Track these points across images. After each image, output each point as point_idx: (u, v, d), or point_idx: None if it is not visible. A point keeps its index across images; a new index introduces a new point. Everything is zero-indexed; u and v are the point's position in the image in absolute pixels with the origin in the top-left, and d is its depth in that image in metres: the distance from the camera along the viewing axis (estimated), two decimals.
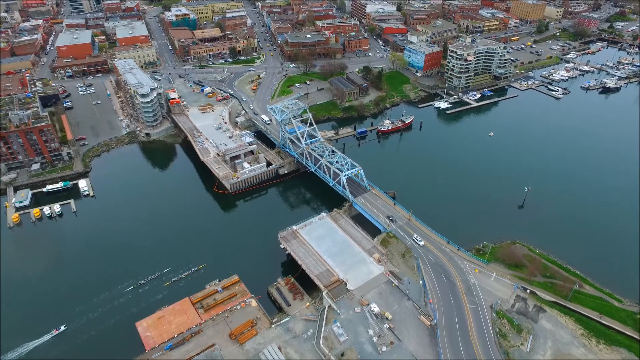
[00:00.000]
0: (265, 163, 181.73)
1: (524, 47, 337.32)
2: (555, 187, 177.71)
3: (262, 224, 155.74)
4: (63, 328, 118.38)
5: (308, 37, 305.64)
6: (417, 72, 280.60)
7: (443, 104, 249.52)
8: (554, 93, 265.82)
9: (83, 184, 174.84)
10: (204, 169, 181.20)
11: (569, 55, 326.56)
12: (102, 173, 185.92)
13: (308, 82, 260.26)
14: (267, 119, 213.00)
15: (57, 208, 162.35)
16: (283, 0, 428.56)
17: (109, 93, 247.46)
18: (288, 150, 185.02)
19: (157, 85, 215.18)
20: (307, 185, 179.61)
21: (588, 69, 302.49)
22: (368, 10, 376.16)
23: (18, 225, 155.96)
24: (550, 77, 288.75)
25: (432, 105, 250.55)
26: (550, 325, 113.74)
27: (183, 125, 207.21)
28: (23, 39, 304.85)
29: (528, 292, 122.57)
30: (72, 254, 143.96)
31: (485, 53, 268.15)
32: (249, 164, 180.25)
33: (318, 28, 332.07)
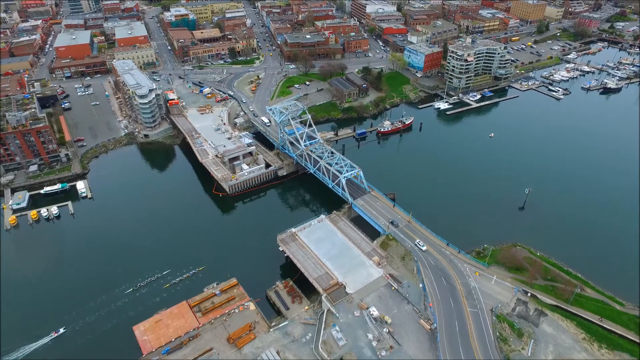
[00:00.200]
0: (264, 164, 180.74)
1: (524, 47, 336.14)
2: (556, 188, 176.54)
3: (260, 226, 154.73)
4: (62, 330, 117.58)
5: (307, 37, 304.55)
6: (417, 72, 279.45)
7: (443, 105, 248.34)
8: (555, 94, 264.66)
9: (81, 186, 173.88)
10: (203, 171, 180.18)
11: (570, 56, 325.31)
12: (100, 174, 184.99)
13: (307, 82, 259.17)
14: (267, 121, 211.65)
15: (54, 210, 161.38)
16: (283, 1, 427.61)
17: (108, 94, 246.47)
18: (287, 152, 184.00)
19: (155, 86, 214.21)
20: (306, 187, 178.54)
21: (589, 70, 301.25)
22: (368, 11, 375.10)
23: (15, 228, 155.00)
24: (551, 77, 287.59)
25: (432, 106, 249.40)
26: (552, 330, 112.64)
27: (182, 127, 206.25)
28: (21, 40, 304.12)
29: (529, 295, 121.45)
30: (69, 257, 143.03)
31: (486, 53, 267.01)
32: (248, 166, 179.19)
33: (318, 28, 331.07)
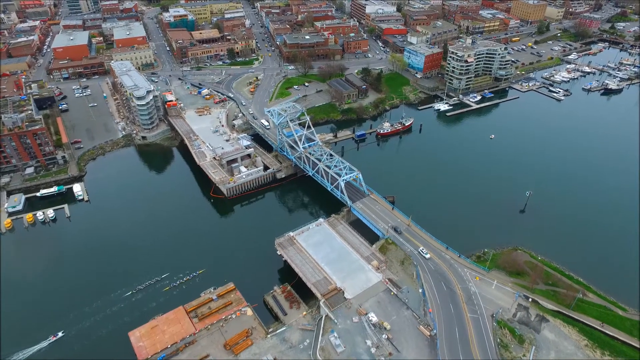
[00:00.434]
0: (263, 167, 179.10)
1: (525, 48, 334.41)
2: (557, 190, 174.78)
3: (258, 230, 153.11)
4: (61, 334, 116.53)
5: (307, 38, 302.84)
6: (416, 73, 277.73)
7: (443, 106, 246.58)
8: (555, 95, 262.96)
9: (77, 189, 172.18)
10: (201, 173, 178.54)
11: (570, 56, 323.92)
12: (97, 177, 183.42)
13: (307, 84, 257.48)
14: (266, 124, 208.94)
15: (50, 213, 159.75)
16: (282, 1, 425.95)
17: (105, 95, 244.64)
18: (286, 154, 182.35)
19: (153, 88, 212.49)
20: (304, 190, 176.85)
21: (589, 70, 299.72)
22: (367, 11, 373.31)
23: (10, 231, 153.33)
24: (552, 78, 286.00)
25: (432, 107, 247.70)
26: (553, 336, 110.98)
27: (180, 128, 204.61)
28: (19, 40, 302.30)
29: (530, 300, 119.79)
30: (65, 261, 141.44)
31: (486, 54, 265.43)
32: (246, 168, 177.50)
33: (317, 29, 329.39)
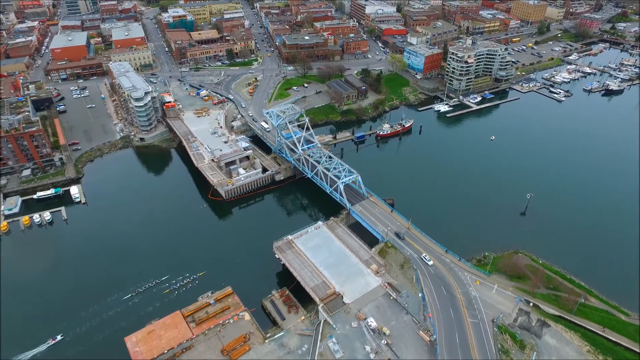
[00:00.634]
0: (261, 169, 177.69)
1: (525, 48, 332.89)
2: (559, 192, 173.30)
3: (257, 233, 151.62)
4: (59, 338, 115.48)
5: (306, 38, 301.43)
6: (416, 74, 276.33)
7: (443, 107, 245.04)
8: (556, 96, 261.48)
9: (75, 191, 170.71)
10: (199, 175, 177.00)
11: (571, 57, 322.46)
12: (94, 179, 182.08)
13: (306, 84, 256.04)
14: (266, 126, 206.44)
15: (47, 216, 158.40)
16: (281, 1, 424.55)
17: (104, 96, 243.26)
18: (284, 156, 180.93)
19: (151, 89, 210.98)
20: (303, 192, 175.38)
21: (590, 71, 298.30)
22: (367, 11, 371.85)
23: (6, 234, 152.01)
24: (552, 79, 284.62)
25: (432, 109, 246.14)
26: (555, 341, 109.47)
27: (178, 130, 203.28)
28: (17, 41, 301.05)
29: (531, 305, 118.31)
30: (61, 264, 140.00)
31: (486, 55, 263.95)
32: (245, 170, 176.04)
33: (316, 29, 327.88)
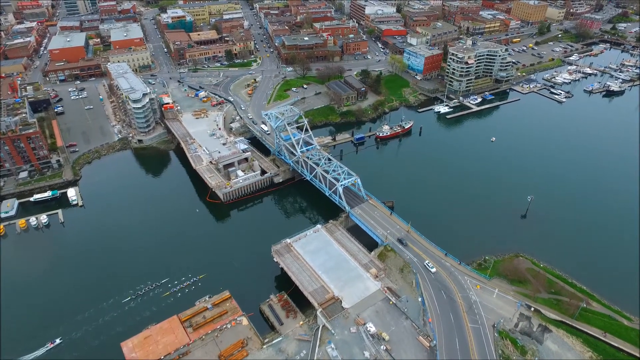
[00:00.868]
0: (260, 171, 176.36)
1: (526, 49, 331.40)
2: (560, 195, 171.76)
3: (255, 236, 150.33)
4: (58, 341, 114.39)
5: (306, 39, 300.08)
6: (416, 75, 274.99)
7: (443, 108, 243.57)
8: (557, 97, 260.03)
9: (72, 193, 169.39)
10: (197, 177, 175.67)
11: (572, 58, 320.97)
12: (92, 181, 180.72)
13: (305, 86, 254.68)
14: (266, 129, 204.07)
15: (44, 218, 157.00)
16: (281, 2, 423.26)
17: (102, 98, 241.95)
18: (283, 158, 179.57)
19: (150, 90, 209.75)
20: (302, 195, 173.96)
21: (591, 72, 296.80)
22: (367, 12, 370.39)
23: (3, 237, 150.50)
24: (553, 80, 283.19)
25: (432, 110, 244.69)
26: (557, 347, 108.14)
27: (176, 132, 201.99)
28: (16, 42, 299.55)
29: (532, 310, 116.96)
30: (58, 267, 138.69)
31: (486, 56, 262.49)
32: (243, 172, 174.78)
33: (316, 30, 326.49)
